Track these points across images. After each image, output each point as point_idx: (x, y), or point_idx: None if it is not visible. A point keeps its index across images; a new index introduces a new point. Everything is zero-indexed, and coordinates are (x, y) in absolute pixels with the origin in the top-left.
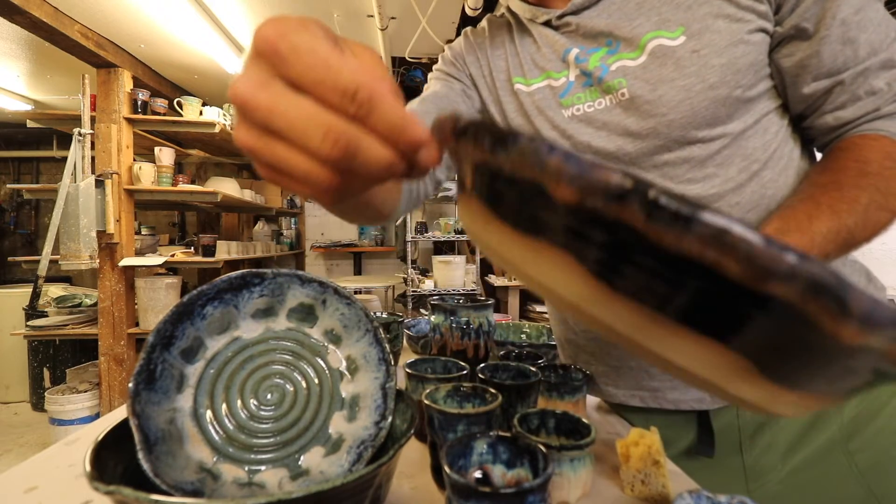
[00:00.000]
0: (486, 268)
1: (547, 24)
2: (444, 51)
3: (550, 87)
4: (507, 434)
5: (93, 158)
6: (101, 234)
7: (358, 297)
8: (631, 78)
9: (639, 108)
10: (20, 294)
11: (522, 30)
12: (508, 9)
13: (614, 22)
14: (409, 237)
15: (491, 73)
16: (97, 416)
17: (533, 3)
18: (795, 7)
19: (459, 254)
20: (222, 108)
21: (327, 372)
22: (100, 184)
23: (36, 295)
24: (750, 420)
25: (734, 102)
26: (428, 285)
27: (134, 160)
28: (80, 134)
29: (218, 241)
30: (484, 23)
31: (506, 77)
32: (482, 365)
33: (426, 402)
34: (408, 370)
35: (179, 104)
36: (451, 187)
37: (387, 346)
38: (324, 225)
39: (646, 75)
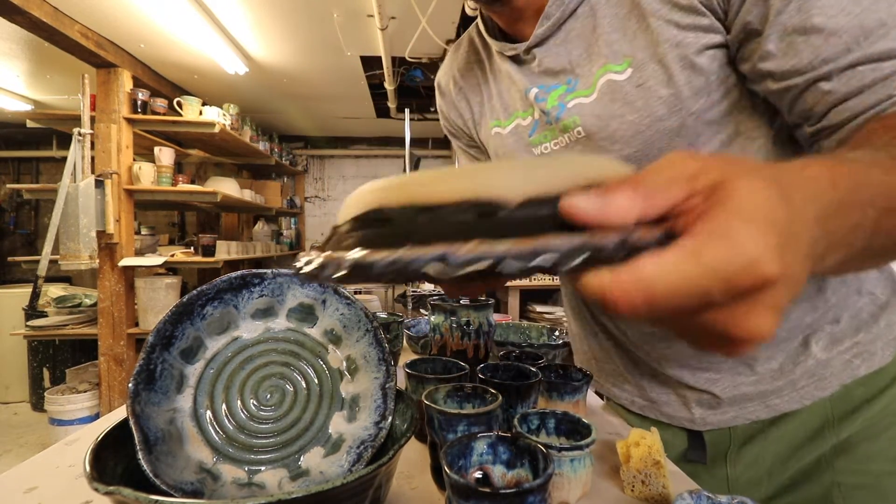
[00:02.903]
0: None
1: (514, 58)
2: (444, 51)
3: (519, 127)
4: (507, 434)
5: (92, 158)
6: (101, 234)
7: (358, 297)
8: (585, 115)
9: (595, 144)
10: (20, 294)
11: (493, 67)
12: (480, 35)
13: (574, 58)
14: None
15: (474, 122)
16: (97, 416)
17: (499, 38)
18: (740, 8)
19: None
20: (222, 108)
21: (327, 372)
22: (99, 184)
23: (36, 295)
24: (741, 432)
25: (691, 130)
26: (428, 285)
27: (134, 160)
28: (79, 134)
29: (218, 241)
30: (454, 70)
31: (486, 123)
32: (482, 365)
33: (426, 402)
34: (408, 370)
35: (179, 104)
36: None
37: (387, 346)
38: (324, 225)
39: (597, 111)
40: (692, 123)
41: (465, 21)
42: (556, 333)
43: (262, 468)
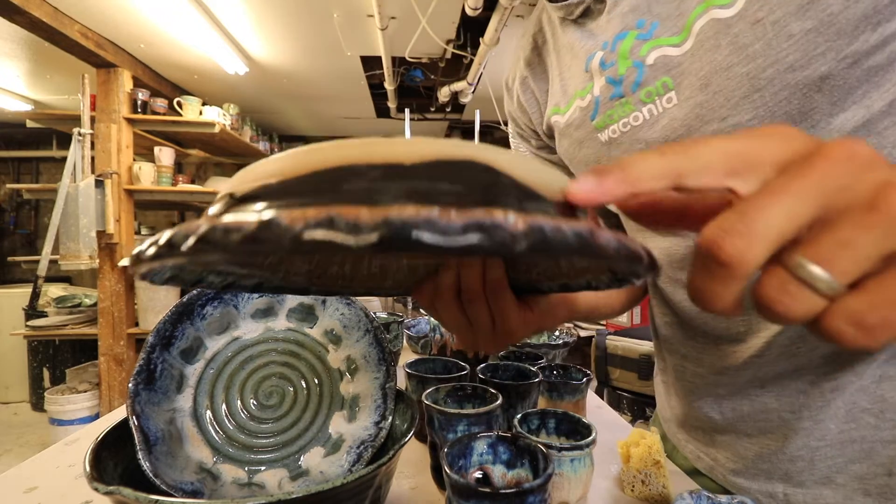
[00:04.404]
0: None
1: (583, 16)
2: (444, 51)
3: (579, 111)
4: (508, 434)
5: (92, 158)
6: (101, 234)
7: (358, 297)
8: (677, 74)
9: (688, 116)
10: (20, 294)
11: (558, 44)
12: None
13: None
14: None
15: (541, 115)
16: (97, 416)
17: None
18: None
19: None
20: (222, 108)
21: (327, 372)
22: (99, 184)
23: (36, 295)
24: None
25: (841, 83)
26: None
27: (134, 160)
28: (79, 134)
29: None
30: (520, 62)
31: (549, 113)
32: (482, 365)
33: (426, 402)
34: (408, 370)
35: (179, 104)
36: None
37: (387, 346)
38: None
39: (694, 66)
40: (843, 73)
41: (465, 21)
42: (556, 333)
43: (262, 468)
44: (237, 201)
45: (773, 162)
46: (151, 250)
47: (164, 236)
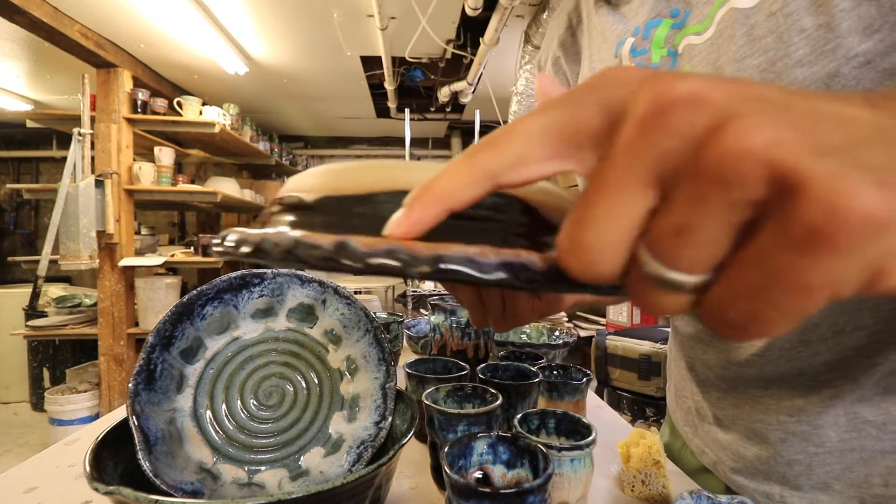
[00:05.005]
0: None
1: None
2: (444, 51)
3: None
4: (508, 434)
5: (92, 158)
6: (101, 234)
7: (358, 297)
8: (697, 63)
9: None
10: (20, 294)
11: (591, 25)
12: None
13: None
14: None
15: None
16: (97, 416)
17: None
18: None
19: None
20: (222, 108)
21: (327, 372)
22: (99, 184)
23: (36, 295)
24: None
25: (851, 84)
26: (428, 285)
27: (134, 160)
28: (79, 134)
29: None
30: (554, 42)
31: None
32: (482, 365)
33: (426, 402)
34: (408, 370)
35: (179, 104)
36: None
37: (387, 346)
38: None
39: (711, 56)
40: (854, 72)
41: (465, 21)
42: (556, 333)
43: (262, 468)
44: (308, 208)
45: (597, 132)
46: (244, 250)
47: (253, 241)
